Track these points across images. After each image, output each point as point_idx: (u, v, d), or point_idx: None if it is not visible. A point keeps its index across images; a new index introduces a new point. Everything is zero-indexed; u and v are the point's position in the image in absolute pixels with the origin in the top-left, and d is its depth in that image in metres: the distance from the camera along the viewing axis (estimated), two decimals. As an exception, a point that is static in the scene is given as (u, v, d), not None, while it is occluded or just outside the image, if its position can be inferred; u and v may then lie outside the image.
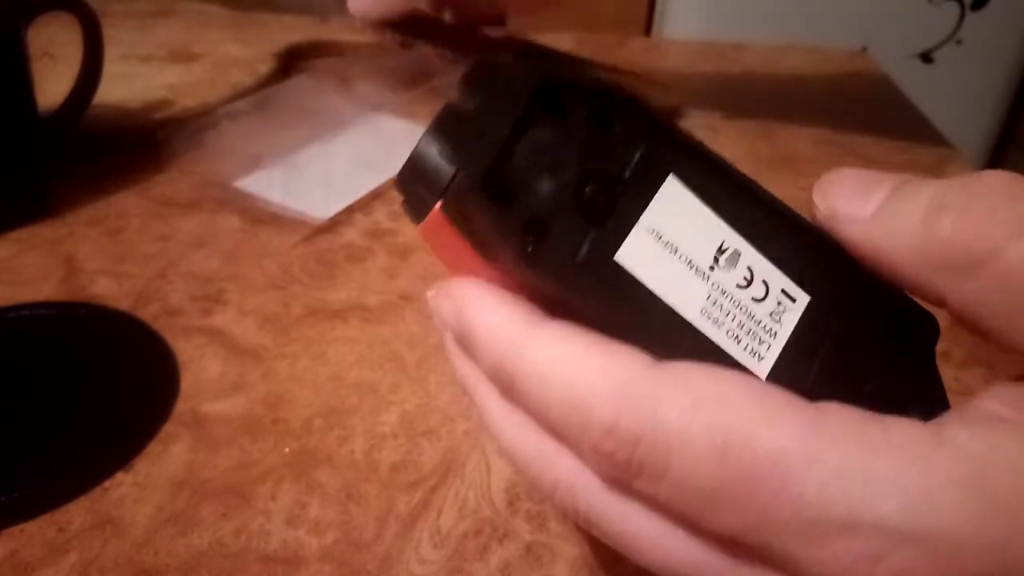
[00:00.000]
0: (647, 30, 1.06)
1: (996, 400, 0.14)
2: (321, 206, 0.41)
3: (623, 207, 0.16)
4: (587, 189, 0.16)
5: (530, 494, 0.27)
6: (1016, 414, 0.14)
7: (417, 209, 0.17)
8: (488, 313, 0.16)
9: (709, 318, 0.16)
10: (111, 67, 0.44)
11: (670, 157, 0.16)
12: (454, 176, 0.15)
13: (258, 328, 0.35)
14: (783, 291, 0.17)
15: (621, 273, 0.16)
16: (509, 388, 0.16)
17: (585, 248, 0.16)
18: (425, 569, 0.25)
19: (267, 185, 0.42)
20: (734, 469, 0.13)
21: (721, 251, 0.16)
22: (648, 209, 0.16)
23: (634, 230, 0.16)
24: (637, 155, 0.16)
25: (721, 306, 0.16)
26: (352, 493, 0.27)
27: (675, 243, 0.16)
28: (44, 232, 0.40)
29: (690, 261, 0.16)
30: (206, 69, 0.54)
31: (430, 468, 0.28)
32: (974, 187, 0.14)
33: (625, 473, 0.14)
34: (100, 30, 0.42)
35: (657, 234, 0.16)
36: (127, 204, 0.42)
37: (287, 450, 0.29)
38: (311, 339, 0.34)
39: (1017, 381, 0.15)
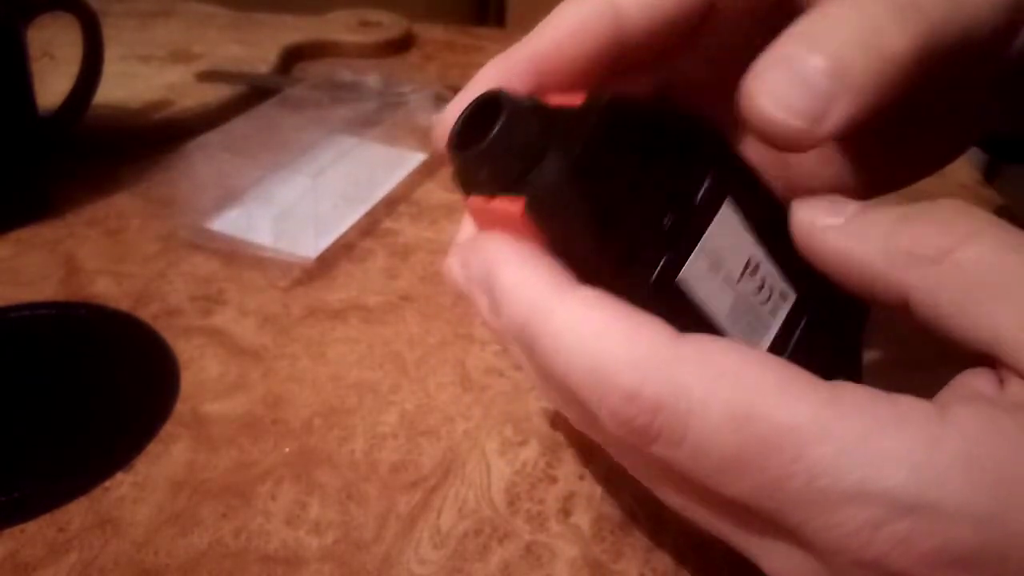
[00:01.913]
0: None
1: (980, 378, 0.15)
2: (309, 243, 0.39)
3: (690, 228, 0.17)
4: (665, 217, 0.17)
5: (530, 494, 0.27)
6: (997, 392, 0.15)
7: (481, 187, 0.17)
8: (517, 273, 0.16)
9: (731, 319, 0.18)
10: (111, 67, 0.44)
11: (728, 181, 0.18)
12: (554, 177, 0.16)
13: (258, 328, 0.35)
14: (780, 292, 0.19)
15: (679, 289, 0.17)
16: (531, 350, 0.16)
17: (658, 269, 0.17)
18: (425, 569, 0.25)
19: (246, 225, 0.39)
20: (751, 439, 0.14)
21: (748, 265, 0.18)
22: (707, 231, 0.17)
23: (695, 251, 0.17)
24: (706, 181, 0.17)
25: (740, 309, 0.18)
26: (352, 493, 0.27)
27: (720, 260, 0.18)
28: (44, 232, 0.40)
29: (727, 275, 0.18)
30: (206, 69, 0.54)
31: (430, 468, 0.28)
32: (933, 206, 0.16)
33: (642, 438, 0.15)
34: (100, 30, 0.42)
35: (709, 253, 0.17)
36: (127, 204, 0.42)
37: (287, 450, 0.29)
38: (311, 339, 0.34)
39: (983, 364, 0.16)
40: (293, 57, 0.60)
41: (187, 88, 0.51)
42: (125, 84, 0.50)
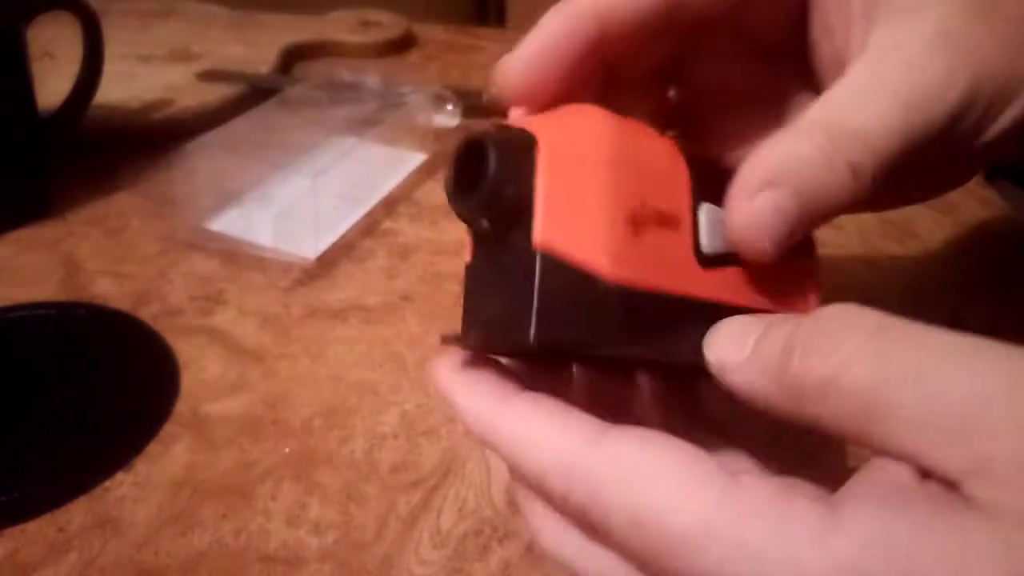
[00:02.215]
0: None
1: (900, 465, 0.15)
2: (309, 243, 0.39)
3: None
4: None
5: (530, 494, 0.27)
6: (914, 483, 0.14)
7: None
8: (462, 396, 0.19)
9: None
10: (111, 67, 0.44)
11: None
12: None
13: (258, 328, 0.35)
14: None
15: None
16: (495, 453, 0.19)
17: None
18: (425, 569, 0.25)
19: (246, 225, 0.39)
20: (650, 542, 0.15)
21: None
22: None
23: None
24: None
25: None
26: (352, 493, 0.27)
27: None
28: (44, 232, 0.40)
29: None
30: (206, 69, 0.54)
31: (430, 468, 0.28)
32: (819, 323, 0.16)
33: (582, 528, 0.17)
34: (100, 30, 0.42)
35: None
36: (127, 204, 0.42)
37: (287, 450, 0.29)
38: (311, 339, 0.34)
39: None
40: (293, 57, 0.60)
41: (187, 88, 0.51)
42: (125, 84, 0.50)
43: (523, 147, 0.17)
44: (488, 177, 0.16)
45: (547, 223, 0.16)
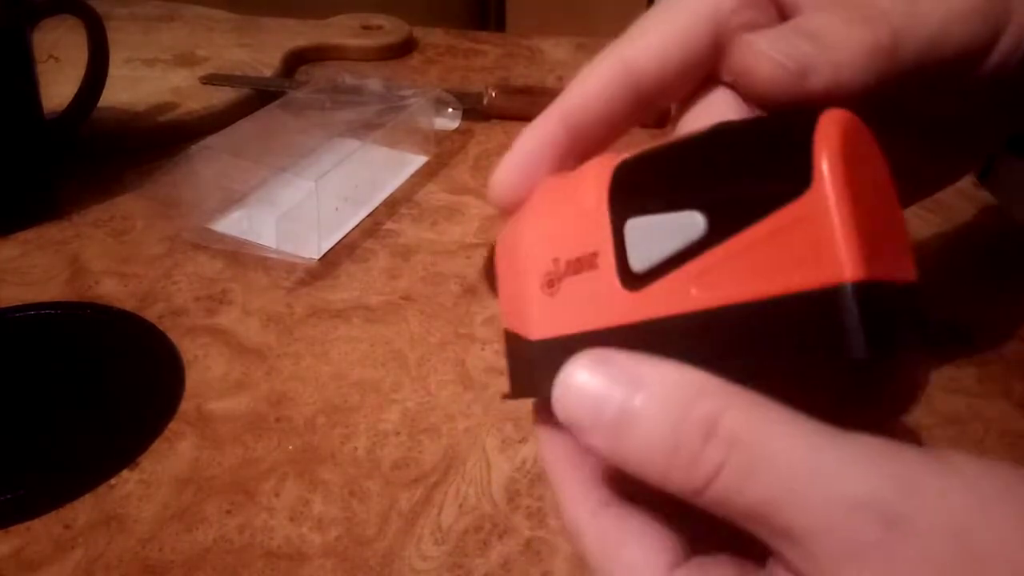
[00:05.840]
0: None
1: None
2: (311, 244, 0.39)
3: None
4: None
5: (530, 491, 0.28)
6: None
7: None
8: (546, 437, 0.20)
9: None
10: (116, 70, 0.44)
11: None
12: None
13: (262, 327, 0.35)
14: None
15: None
16: None
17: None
18: (426, 564, 0.25)
19: (250, 226, 0.40)
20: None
21: None
22: None
23: None
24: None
25: None
26: (355, 490, 0.28)
27: None
28: (50, 233, 0.41)
29: None
30: (210, 73, 0.54)
31: (431, 465, 0.29)
32: None
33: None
34: (105, 33, 0.43)
35: None
36: (133, 205, 0.43)
37: (291, 447, 0.29)
38: (314, 338, 0.34)
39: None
40: (296, 61, 0.61)
41: (192, 91, 0.52)
42: (130, 87, 0.51)
43: None
44: None
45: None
